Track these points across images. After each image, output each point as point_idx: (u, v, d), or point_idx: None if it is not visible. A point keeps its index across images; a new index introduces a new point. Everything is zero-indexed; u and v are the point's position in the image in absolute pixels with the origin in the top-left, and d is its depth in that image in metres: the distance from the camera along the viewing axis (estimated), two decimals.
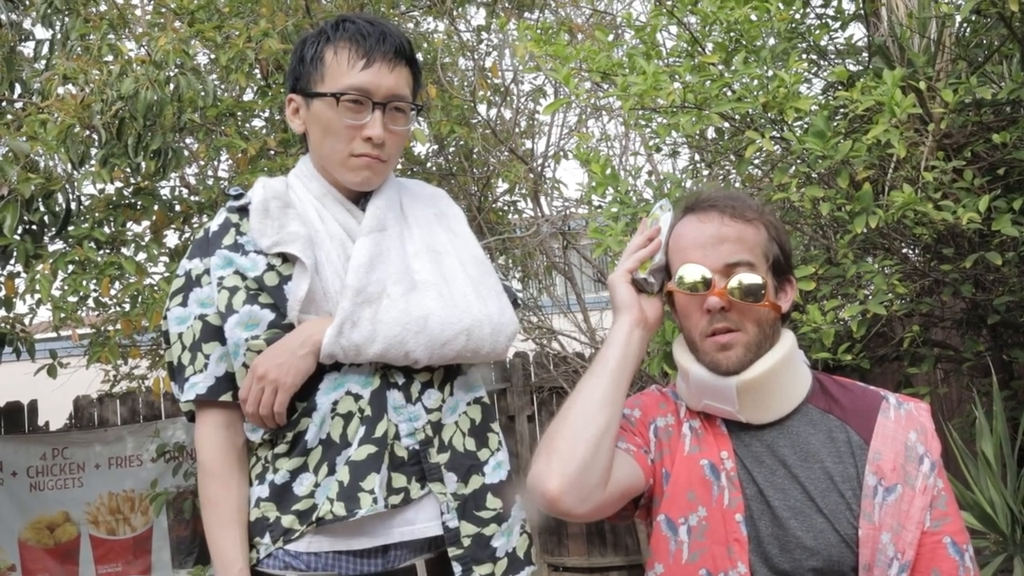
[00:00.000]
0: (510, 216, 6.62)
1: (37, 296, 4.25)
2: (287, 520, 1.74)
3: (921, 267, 3.80)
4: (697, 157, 4.99)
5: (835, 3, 4.24)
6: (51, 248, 4.26)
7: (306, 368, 1.73)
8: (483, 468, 1.84)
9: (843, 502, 1.58)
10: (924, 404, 1.71)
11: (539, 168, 6.17)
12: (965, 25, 3.95)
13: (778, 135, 3.53)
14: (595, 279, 6.30)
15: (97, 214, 4.47)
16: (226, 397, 1.78)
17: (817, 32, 4.16)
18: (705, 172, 4.81)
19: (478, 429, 1.87)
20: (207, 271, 1.82)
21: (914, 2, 3.94)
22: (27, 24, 4.98)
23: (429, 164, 6.43)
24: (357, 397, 1.77)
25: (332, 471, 1.75)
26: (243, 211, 1.86)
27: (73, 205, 4.24)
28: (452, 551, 1.77)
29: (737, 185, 4.48)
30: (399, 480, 1.77)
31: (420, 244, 1.89)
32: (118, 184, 4.62)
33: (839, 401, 1.69)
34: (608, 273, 1.71)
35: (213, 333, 1.78)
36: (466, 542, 1.78)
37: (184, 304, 1.82)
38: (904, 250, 3.95)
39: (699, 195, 1.73)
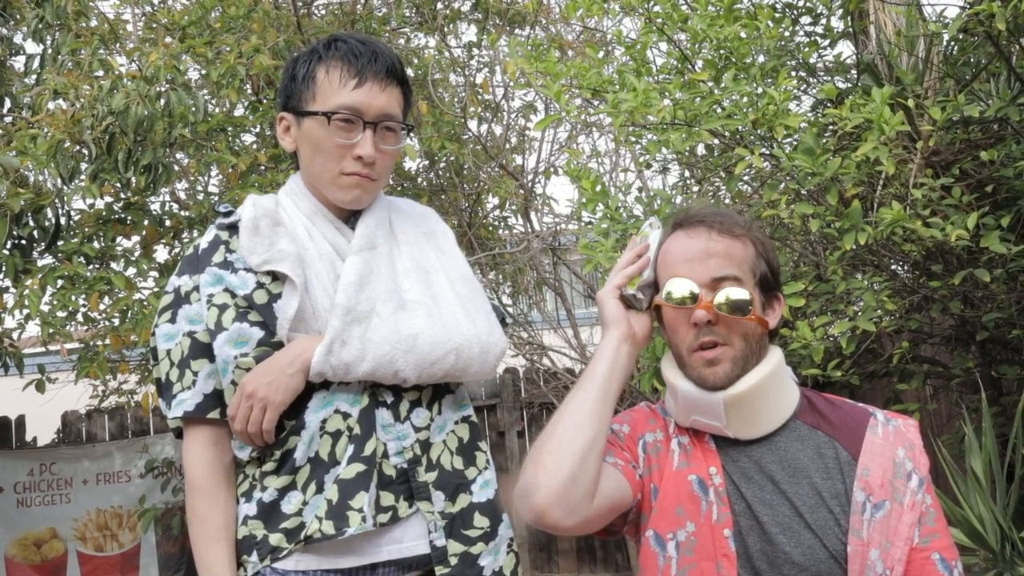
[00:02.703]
0: (500, 232, 6.63)
1: (26, 311, 4.23)
2: (275, 538, 1.74)
3: (910, 284, 3.81)
4: (687, 174, 5.00)
5: (824, 21, 4.26)
6: (40, 263, 4.25)
7: (295, 386, 1.73)
8: (471, 487, 1.85)
9: (831, 518, 1.58)
10: (912, 421, 1.71)
11: (529, 184, 6.18)
12: (953, 43, 3.97)
13: (768, 152, 3.55)
14: (585, 295, 6.31)
15: (87, 229, 4.46)
16: (214, 414, 1.78)
17: (806, 50, 4.18)
18: (695, 188, 4.82)
19: (466, 448, 1.88)
20: (196, 288, 1.82)
21: (902, 20, 3.96)
22: (18, 39, 4.98)
23: (420, 180, 6.44)
24: (346, 415, 1.77)
25: (320, 489, 1.75)
26: (232, 228, 1.87)
27: (63, 220, 4.23)
28: (439, 570, 1.77)
29: (727, 202, 4.49)
30: (387, 499, 1.77)
31: (409, 263, 1.89)
32: (108, 199, 4.62)
33: (827, 417, 1.69)
34: (598, 289, 1.70)
35: (202, 350, 1.78)
36: (453, 561, 1.78)
37: (173, 321, 1.82)
38: (893, 267, 3.96)
39: (687, 211, 1.74)
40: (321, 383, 1.77)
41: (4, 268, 4.07)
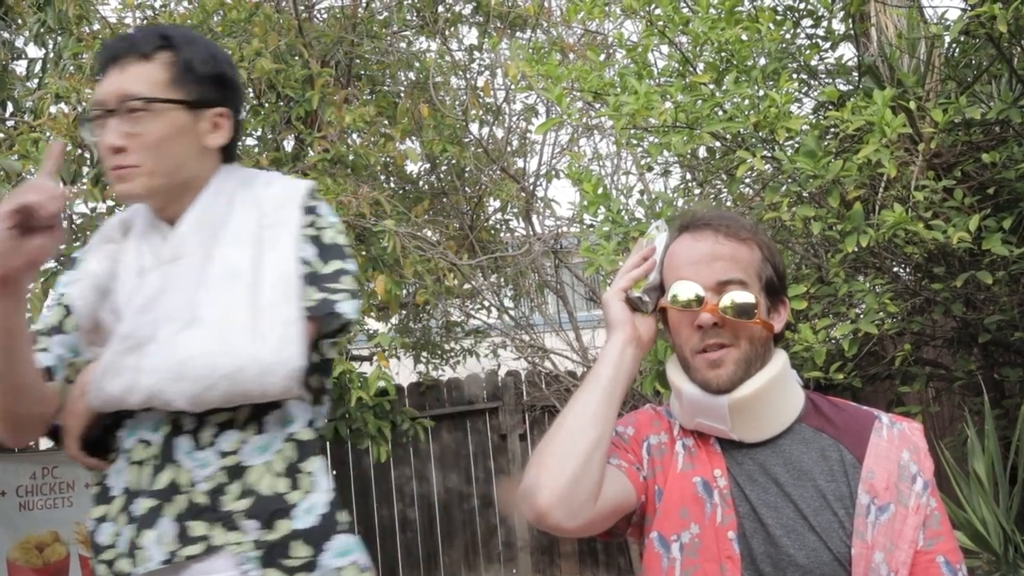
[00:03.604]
0: (502, 235, 6.64)
1: (28, 315, 4.23)
2: (100, 569, 1.69)
3: (912, 286, 3.81)
4: (689, 176, 5.00)
5: (825, 24, 4.27)
6: (42, 267, 4.25)
7: (82, 410, 1.66)
8: (292, 512, 1.67)
9: (836, 520, 1.58)
10: (917, 424, 1.71)
11: (531, 187, 6.19)
12: (954, 45, 3.98)
13: (769, 154, 3.55)
14: (587, 298, 6.32)
15: (89, 233, 4.46)
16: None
17: (807, 52, 4.19)
18: (697, 191, 4.83)
19: (291, 469, 1.70)
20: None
21: (903, 23, 3.97)
22: (20, 43, 4.99)
23: (421, 183, 6.45)
24: (148, 444, 1.68)
25: (130, 520, 1.68)
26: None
27: (65, 224, 4.23)
28: None
29: (728, 204, 4.50)
30: (198, 528, 1.64)
31: (221, 270, 1.69)
32: (110, 203, 4.62)
33: (832, 420, 1.69)
34: (600, 292, 1.69)
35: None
36: None
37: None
38: (895, 269, 3.97)
39: (694, 214, 1.73)
40: (128, 411, 1.67)
41: None
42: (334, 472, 7.06)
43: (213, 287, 1.67)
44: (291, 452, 1.70)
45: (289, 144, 5.73)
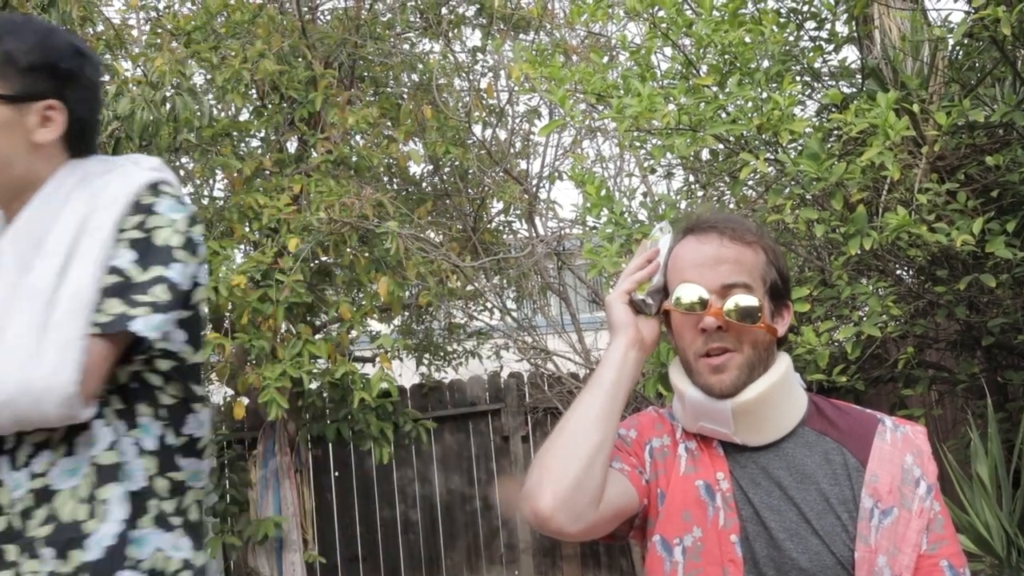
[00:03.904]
0: (505, 236, 6.64)
1: None
2: None
3: (915, 289, 3.81)
4: (692, 178, 5.00)
5: (829, 26, 4.27)
6: None
7: None
8: (84, 542, 1.56)
9: (839, 524, 1.58)
10: (921, 427, 1.70)
11: (534, 189, 6.19)
12: (958, 48, 3.98)
13: (772, 157, 3.55)
14: (590, 300, 6.32)
15: None
16: None
17: (811, 55, 4.19)
18: (700, 193, 4.83)
19: (91, 496, 1.58)
20: None
21: (907, 25, 3.96)
22: None
23: (424, 184, 6.45)
24: None
25: None
26: None
27: None
28: None
29: (732, 206, 4.49)
30: (11, 553, 1.56)
31: (31, 283, 1.57)
32: None
33: (835, 423, 1.69)
34: (603, 294, 1.67)
35: None
36: None
37: None
38: (898, 272, 3.97)
39: (698, 217, 1.73)
40: None
41: None
42: (336, 474, 7.07)
43: (19, 303, 1.55)
44: (94, 476, 1.58)
45: (292, 145, 5.74)
